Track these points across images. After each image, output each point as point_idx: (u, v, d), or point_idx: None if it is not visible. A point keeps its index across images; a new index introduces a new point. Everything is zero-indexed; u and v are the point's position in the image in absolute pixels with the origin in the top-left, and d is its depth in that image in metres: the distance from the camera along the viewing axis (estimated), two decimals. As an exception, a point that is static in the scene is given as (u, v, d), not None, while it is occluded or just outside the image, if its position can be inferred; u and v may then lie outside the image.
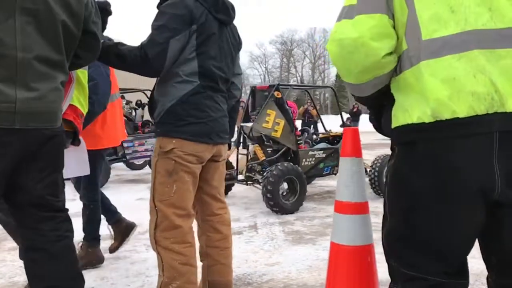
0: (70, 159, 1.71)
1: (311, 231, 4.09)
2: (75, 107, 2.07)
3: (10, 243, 3.27)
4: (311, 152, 5.54)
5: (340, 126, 6.73)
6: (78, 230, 2.79)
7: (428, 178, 1.13)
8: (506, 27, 1.09)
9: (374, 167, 5.56)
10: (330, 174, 5.79)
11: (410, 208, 1.18)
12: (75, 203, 2.98)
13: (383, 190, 5.14)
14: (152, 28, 1.92)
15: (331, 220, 1.99)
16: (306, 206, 5.04)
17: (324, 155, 5.59)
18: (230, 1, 2.17)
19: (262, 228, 4.22)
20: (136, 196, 5.78)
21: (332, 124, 7.42)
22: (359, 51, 1.16)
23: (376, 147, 11.89)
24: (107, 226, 3.16)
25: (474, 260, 1.39)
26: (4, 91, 1.38)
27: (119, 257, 3.25)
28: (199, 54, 1.99)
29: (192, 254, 2.03)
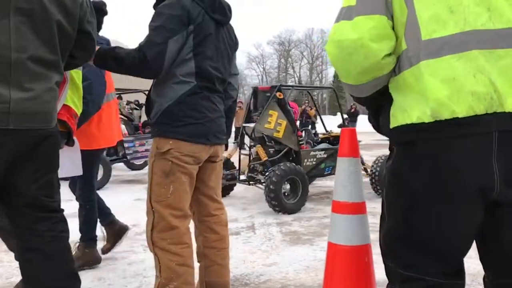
0: (63, 159, 1.70)
1: (309, 231, 4.09)
2: (69, 107, 2.06)
3: (7, 244, 3.26)
4: (312, 153, 5.55)
5: (338, 126, 6.75)
6: (75, 231, 2.79)
7: (427, 178, 1.12)
8: (504, 27, 1.09)
9: (375, 167, 5.60)
10: (331, 174, 5.79)
11: (409, 208, 1.18)
12: (72, 204, 2.97)
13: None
14: (150, 29, 1.91)
15: (328, 220, 1.99)
16: (304, 207, 5.04)
17: (325, 156, 5.60)
18: (227, 1, 2.16)
19: (260, 228, 4.22)
20: (133, 197, 5.77)
21: (330, 125, 7.42)
22: (358, 53, 1.16)
23: (373, 147, 11.91)
24: (100, 227, 3.16)
25: (470, 260, 1.39)
26: None
27: (116, 257, 3.24)
28: (196, 54, 1.98)
29: (189, 255, 2.02)
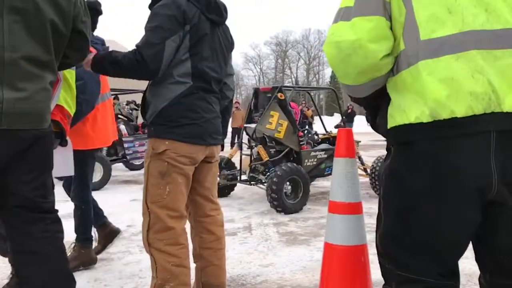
0: (56, 159, 1.70)
1: (305, 232, 4.09)
2: (62, 107, 2.05)
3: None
4: (313, 153, 5.59)
5: (335, 127, 6.77)
6: (70, 231, 2.78)
7: (426, 178, 1.12)
8: (502, 28, 1.09)
9: (375, 167, 5.63)
10: (331, 174, 5.80)
11: (406, 208, 1.17)
12: (67, 204, 2.96)
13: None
14: (146, 29, 1.91)
15: (325, 221, 1.99)
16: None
17: (325, 156, 5.63)
18: (222, 1, 2.16)
19: (257, 229, 4.22)
20: (130, 197, 5.76)
21: (327, 125, 7.42)
22: (357, 54, 1.16)
23: (370, 148, 11.93)
24: (92, 228, 3.13)
25: (466, 261, 1.39)
26: None
27: (112, 258, 3.23)
28: (192, 55, 1.98)
29: (185, 256, 2.01)
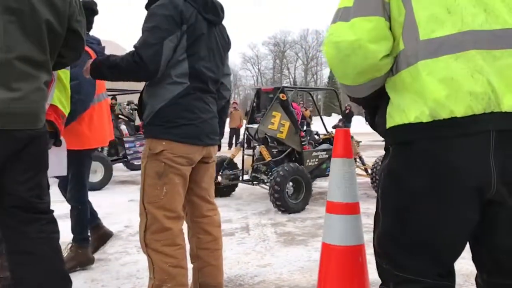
0: (50, 159, 1.69)
1: (303, 232, 4.09)
2: (56, 107, 2.04)
3: None
4: (314, 153, 5.62)
5: (333, 127, 6.80)
6: (67, 232, 2.77)
7: (425, 177, 1.12)
8: (500, 28, 1.10)
9: (376, 166, 5.67)
10: None
11: (406, 208, 1.17)
12: (64, 205, 2.95)
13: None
14: (144, 30, 1.90)
15: (323, 221, 1.99)
16: (299, 207, 5.04)
17: (326, 156, 5.66)
18: (219, 1, 2.16)
19: (254, 229, 4.22)
20: (127, 197, 5.74)
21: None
22: (356, 54, 1.15)
23: (367, 148, 11.94)
24: None
25: (463, 261, 1.39)
26: None
27: (109, 258, 3.22)
28: (189, 55, 1.97)
29: (182, 256, 2.01)
